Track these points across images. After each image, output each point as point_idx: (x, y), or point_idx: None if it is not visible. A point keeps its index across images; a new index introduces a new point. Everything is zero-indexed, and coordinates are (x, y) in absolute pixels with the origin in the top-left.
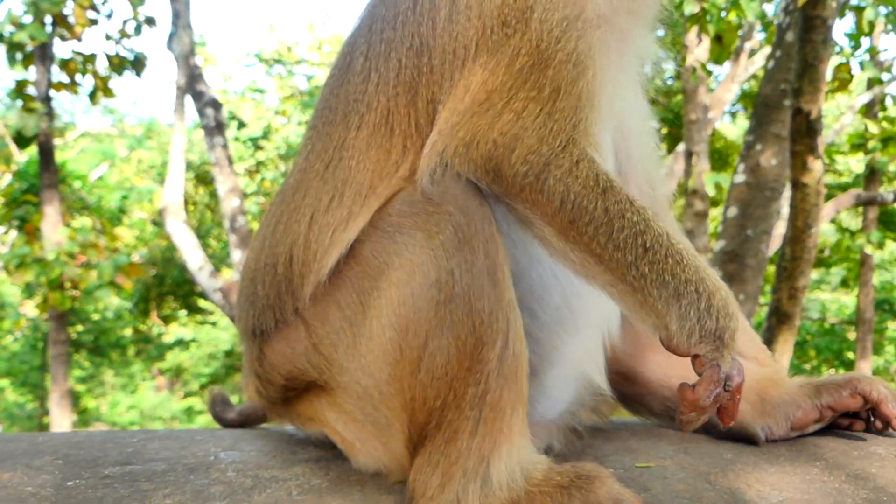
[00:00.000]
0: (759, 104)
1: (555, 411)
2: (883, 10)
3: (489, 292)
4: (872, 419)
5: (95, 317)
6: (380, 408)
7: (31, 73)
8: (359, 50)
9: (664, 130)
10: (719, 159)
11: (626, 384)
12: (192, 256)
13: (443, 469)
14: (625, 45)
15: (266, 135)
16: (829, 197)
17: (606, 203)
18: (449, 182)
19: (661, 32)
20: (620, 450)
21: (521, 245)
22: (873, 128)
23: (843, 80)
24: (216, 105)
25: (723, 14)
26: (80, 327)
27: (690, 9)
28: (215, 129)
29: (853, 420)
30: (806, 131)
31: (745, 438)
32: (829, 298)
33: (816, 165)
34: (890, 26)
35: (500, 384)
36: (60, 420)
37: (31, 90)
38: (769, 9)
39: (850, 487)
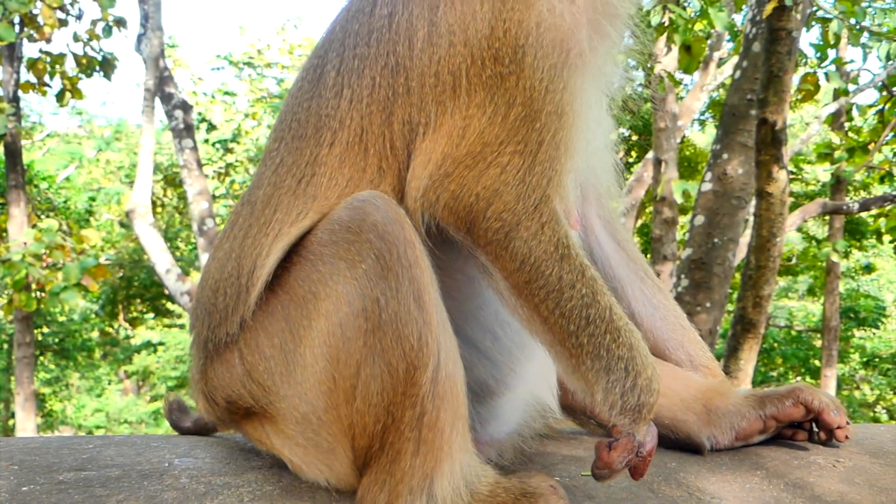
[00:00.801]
0: (726, 113)
1: (504, 432)
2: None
3: (416, 317)
4: (816, 430)
5: (61, 319)
6: (320, 433)
7: None
8: (330, 63)
9: (634, 138)
10: (688, 167)
11: (573, 397)
12: (160, 259)
13: (389, 488)
14: (598, 79)
15: (236, 137)
16: (796, 206)
17: (562, 271)
18: (369, 209)
19: (630, 42)
20: (567, 459)
21: None
22: (837, 139)
23: (808, 91)
24: (185, 107)
25: (691, 23)
26: (45, 329)
27: (657, 19)
28: (184, 131)
29: (797, 430)
30: (771, 141)
31: (691, 447)
32: (796, 306)
33: (781, 175)
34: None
35: (437, 405)
36: (25, 423)
37: None
38: (738, 18)
39: (788, 496)
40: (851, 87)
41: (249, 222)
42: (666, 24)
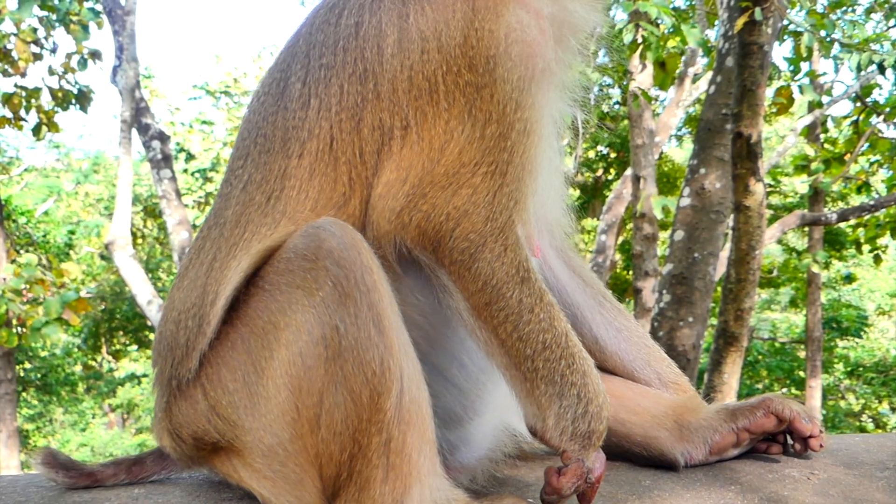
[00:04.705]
0: (702, 128)
1: (475, 457)
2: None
3: (377, 342)
4: (791, 442)
5: (43, 354)
6: (287, 464)
7: None
8: (295, 76)
9: (612, 155)
10: (667, 182)
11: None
12: (141, 290)
13: None
14: (557, 102)
15: (215, 166)
16: (775, 218)
17: (521, 294)
18: (324, 235)
19: (605, 59)
20: (541, 480)
21: None
22: (811, 151)
23: (783, 105)
24: (163, 138)
25: (664, 40)
26: (27, 365)
27: (630, 37)
28: (162, 161)
29: (771, 443)
30: (747, 155)
31: (665, 464)
32: (779, 318)
33: (758, 188)
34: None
35: (402, 430)
36: (9, 460)
37: None
38: (711, 34)
39: None
40: (825, 98)
41: (218, 244)
42: (639, 41)
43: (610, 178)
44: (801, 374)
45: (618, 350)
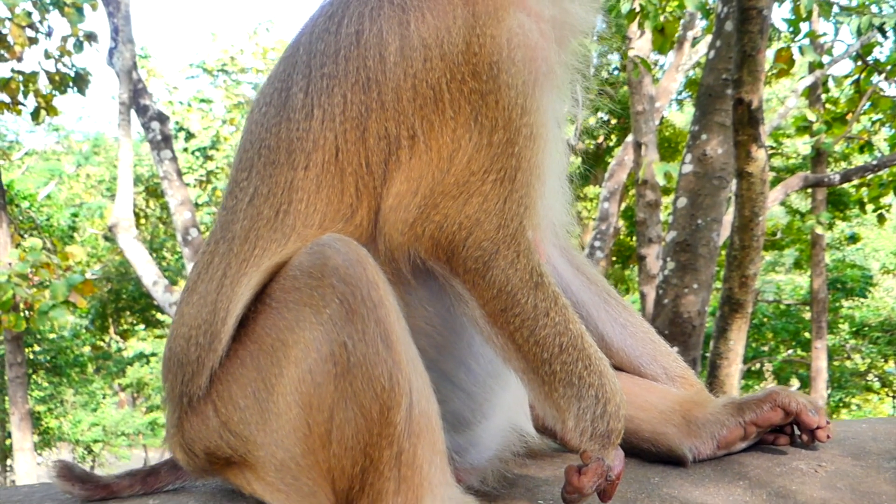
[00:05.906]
0: (703, 94)
1: (484, 458)
2: None
3: (385, 358)
4: (798, 434)
5: (52, 336)
6: (300, 478)
7: None
8: (297, 86)
9: (612, 122)
10: (669, 147)
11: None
12: (146, 272)
13: None
14: (561, 102)
15: (215, 144)
16: (778, 180)
17: (536, 299)
18: (329, 252)
19: (602, 25)
20: (550, 479)
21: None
22: (812, 115)
23: (783, 70)
24: (162, 118)
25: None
26: (36, 347)
27: (627, 6)
28: (162, 142)
29: (778, 435)
30: (748, 121)
31: (673, 460)
32: (783, 280)
33: (760, 154)
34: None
35: (413, 442)
36: (22, 442)
37: None
38: None
39: None
40: (826, 58)
41: (227, 260)
42: (636, 10)
43: (611, 144)
44: (807, 335)
45: (624, 346)
